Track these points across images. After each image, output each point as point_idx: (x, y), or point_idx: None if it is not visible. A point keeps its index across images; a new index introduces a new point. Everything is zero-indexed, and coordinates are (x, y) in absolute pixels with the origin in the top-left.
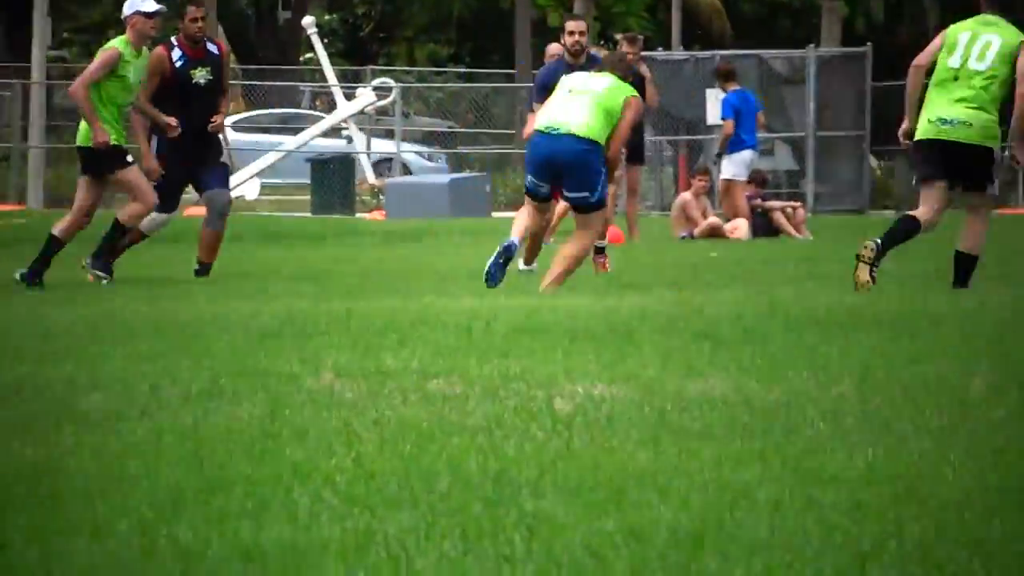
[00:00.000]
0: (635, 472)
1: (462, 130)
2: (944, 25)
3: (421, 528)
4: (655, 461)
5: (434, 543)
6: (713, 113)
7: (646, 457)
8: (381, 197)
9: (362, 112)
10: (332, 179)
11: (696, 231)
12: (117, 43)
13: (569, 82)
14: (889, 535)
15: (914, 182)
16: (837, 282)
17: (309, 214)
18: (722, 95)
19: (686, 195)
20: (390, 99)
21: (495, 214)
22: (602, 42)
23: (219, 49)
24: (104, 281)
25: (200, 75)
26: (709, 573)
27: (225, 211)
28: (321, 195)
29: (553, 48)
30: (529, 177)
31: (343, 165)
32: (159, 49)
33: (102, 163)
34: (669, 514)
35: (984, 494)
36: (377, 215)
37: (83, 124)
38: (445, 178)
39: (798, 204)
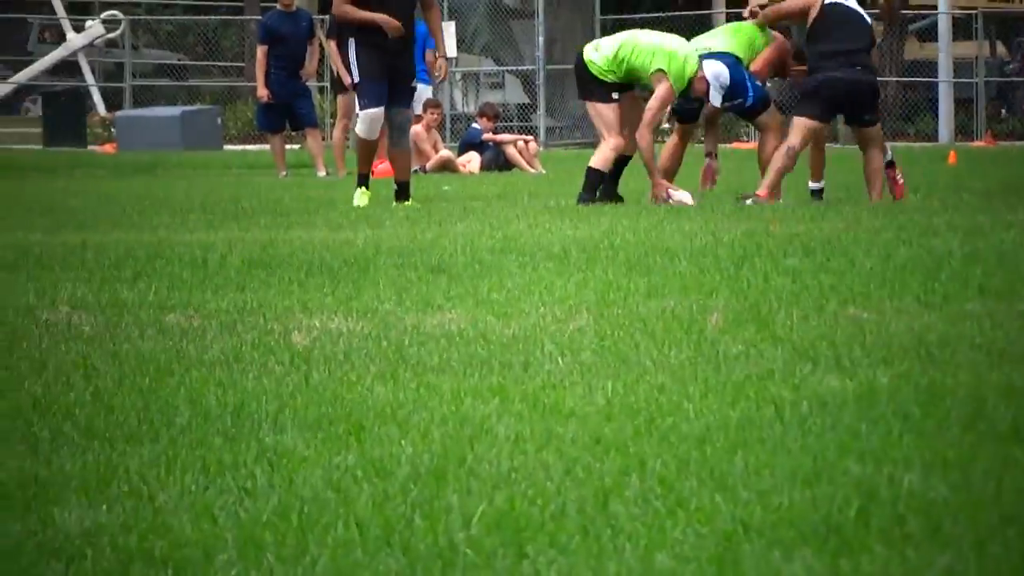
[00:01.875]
0: (374, 406)
1: (192, 63)
2: None
3: (162, 462)
4: (394, 395)
5: (175, 477)
6: None
7: (385, 391)
8: (113, 129)
9: (91, 45)
10: (63, 112)
11: (428, 165)
12: None
13: None
14: (631, 469)
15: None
16: (571, 216)
17: (40, 146)
18: None
19: (417, 128)
20: (119, 31)
21: (227, 147)
22: None
23: None
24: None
25: None
26: (452, 507)
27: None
28: (52, 128)
29: None
30: None
31: (74, 97)
32: None
33: None
34: (410, 448)
35: (725, 429)
36: (109, 147)
37: None
38: (176, 110)
39: (530, 138)
